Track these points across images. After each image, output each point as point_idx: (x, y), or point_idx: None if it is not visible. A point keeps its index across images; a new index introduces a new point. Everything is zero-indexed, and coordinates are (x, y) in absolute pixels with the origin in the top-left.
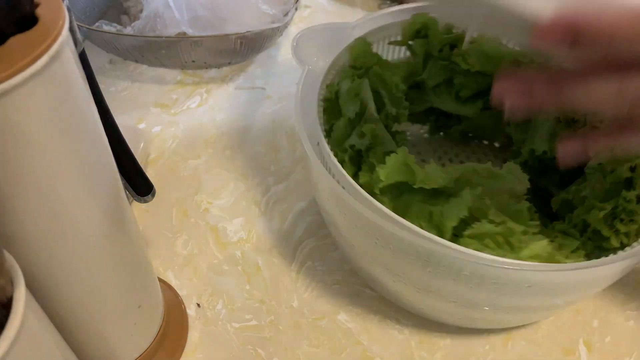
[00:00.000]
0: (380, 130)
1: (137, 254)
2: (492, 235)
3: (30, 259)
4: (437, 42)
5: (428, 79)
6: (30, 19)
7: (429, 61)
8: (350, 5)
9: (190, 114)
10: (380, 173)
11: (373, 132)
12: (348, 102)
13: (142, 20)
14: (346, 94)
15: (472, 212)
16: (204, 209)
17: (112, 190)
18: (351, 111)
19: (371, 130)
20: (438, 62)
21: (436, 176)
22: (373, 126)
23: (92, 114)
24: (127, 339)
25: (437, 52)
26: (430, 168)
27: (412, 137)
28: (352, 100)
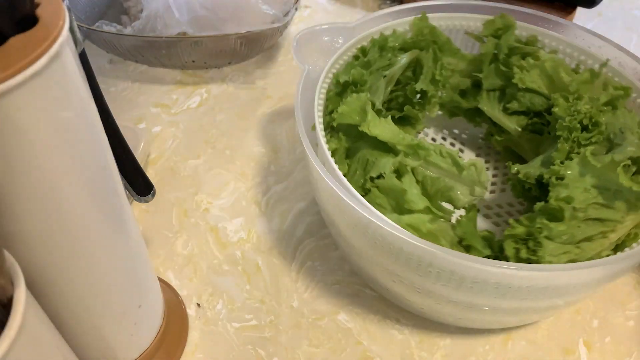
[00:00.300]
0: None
1: (137, 254)
2: (389, 192)
3: (30, 259)
4: (507, 46)
5: (484, 79)
6: (30, 19)
7: (492, 63)
8: (350, 5)
9: (190, 114)
10: (339, 109)
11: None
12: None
13: (142, 20)
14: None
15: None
16: (204, 209)
17: (112, 190)
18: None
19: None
20: (499, 67)
21: (384, 129)
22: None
23: (92, 114)
24: (127, 339)
25: (502, 56)
26: (384, 122)
27: (467, 137)
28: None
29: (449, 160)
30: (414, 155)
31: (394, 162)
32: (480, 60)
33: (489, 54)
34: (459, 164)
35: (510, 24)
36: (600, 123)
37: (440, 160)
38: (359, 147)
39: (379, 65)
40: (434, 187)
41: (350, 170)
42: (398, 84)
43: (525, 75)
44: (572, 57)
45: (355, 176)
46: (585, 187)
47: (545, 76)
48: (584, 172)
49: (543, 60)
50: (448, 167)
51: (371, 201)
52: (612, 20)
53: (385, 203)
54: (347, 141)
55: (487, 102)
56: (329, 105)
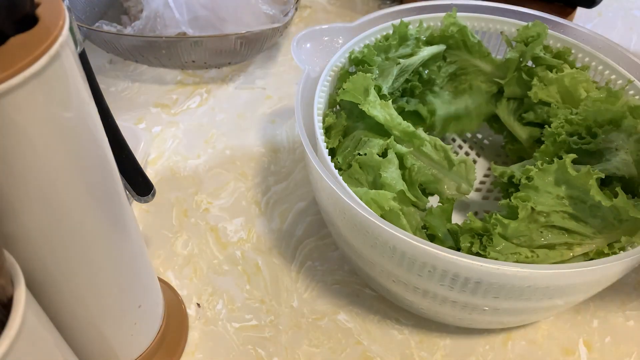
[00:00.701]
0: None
1: (137, 254)
2: (367, 168)
3: (30, 259)
4: (532, 55)
5: (506, 87)
6: (30, 19)
7: (516, 71)
8: (351, 5)
9: (190, 114)
10: (344, 85)
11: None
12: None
13: (142, 21)
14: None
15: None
16: (204, 209)
17: (112, 190)
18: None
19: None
20: (521, 76)
21: (382, 111)
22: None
23: (92, 114)
24: (127, 339)
25: (525, 65)
26: (384, 105)
27: (489, 143)
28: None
29: (441, 153)
30: (408, 142)
31: (383, 144)
32: (507, 67)
33: (514, 61)
34: (450, 158)
35: (542, 33)
36: (597, 135)
37: (433, 152)
38: (356, 126)
39: (399, 54)
40: (419, 175)
41: (342, 146)
42: (417, 74)
43: (540, 90)
44: (603, 75)
45: (345, 152)
46: (557, 194)
47: (563, 91)
48: (559, 179)
49: (562, 75)
50: (439, 160)
51: (350, 176)
52: (612, 20)
53: (363, 179)
54: (348, 119)
55: (504, 110)
56: (339, 82)
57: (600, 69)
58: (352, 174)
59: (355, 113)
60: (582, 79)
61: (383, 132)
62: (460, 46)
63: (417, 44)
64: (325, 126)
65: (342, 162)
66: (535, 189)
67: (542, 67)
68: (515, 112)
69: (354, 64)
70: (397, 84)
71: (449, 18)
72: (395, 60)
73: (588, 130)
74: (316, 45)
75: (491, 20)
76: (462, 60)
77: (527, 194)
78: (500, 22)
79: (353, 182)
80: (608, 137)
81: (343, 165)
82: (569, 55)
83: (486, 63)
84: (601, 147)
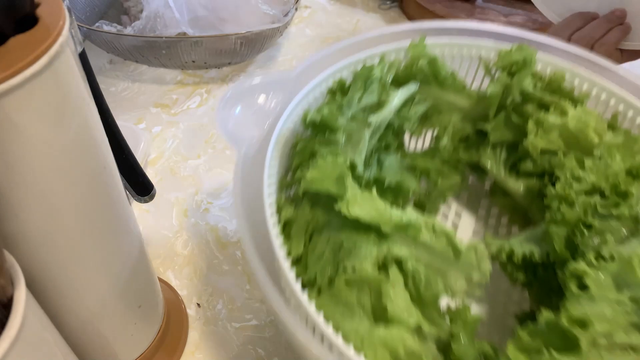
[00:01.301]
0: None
1: (137, 254)
2: (364, 287)
3: (30, 259)
4: (521, 91)
5: (492, 131)
6: (30, 19)
7: (501, 110)
8: (351, 5)
9: (190, 114)
10: (308, 174)
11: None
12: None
13: (142, 21)
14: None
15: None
16: (204, 209)
17: (112, 191)
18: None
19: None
20: (510, 117)
21: (367, 207)
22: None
23: (92, 114)
24: (127, 339)
25: (514, 103)
26: (367, 197)
27: (471, 190)
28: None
29: (443, 239)
30: (401, 236)
31: (378, 253)
32: (489, 104)
33: (497, 97)
34: (455, 245)
35: (529, 60)
36: (629, 194)
37: (433, 241)
38: (329, 222)
39: (364, 105)
40: (429, 290)
41: (314, 252)
42: (389, 128)
43: (539, 138)
44: (608, 105)
45: (321, 261)
46: (618, 300)
47: (568, 137)
48: (622, 280)
49: (566, 120)
50: (442, 250)
51: (335, 299)
52: None
53: (355, 303)
54: (313, 209)
55: (491, 159)
56: (295, 158)
57: (604, 98)
58: (338, 296)
59: (324, 200)
60: (591, 121)
61: (368, 227)
62: (430, 81)
63: (383, 87)
64: (282, 222)
65: (318, 278)
66: (592, 298)
67: (533, 104)
68: (505, 162)
69: (310, 128)
70: (369, 150)
71: (415, 48)
72: (364, 121)
73: (614, 188)
74: (248, 108)
75: (465, 45)
76: (433, 97)
77: (583, 311)
78: (477, 46)
79: (339, 309)
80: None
81: (321, 282)
82: (563, 81)
83: (462, 98)
84: (634, 212)
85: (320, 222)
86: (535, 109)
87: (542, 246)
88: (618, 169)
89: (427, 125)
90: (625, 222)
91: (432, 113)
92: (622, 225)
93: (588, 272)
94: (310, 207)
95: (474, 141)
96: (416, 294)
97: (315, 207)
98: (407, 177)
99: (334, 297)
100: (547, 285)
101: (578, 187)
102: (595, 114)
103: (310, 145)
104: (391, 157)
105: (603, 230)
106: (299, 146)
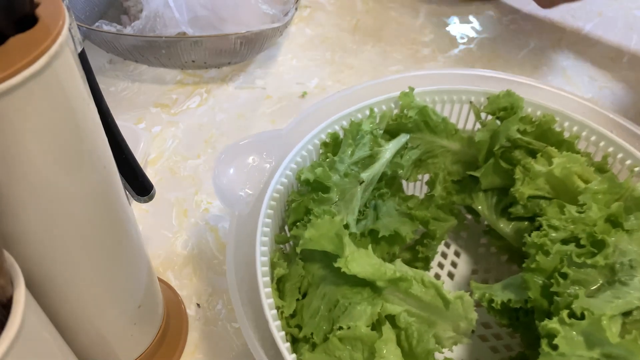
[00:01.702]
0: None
1: (137, 254)
2: (357, 345)
3: (30, 259)
4: (507, 137)
5: (482, 178)
6: (30, 19)
7: (491, 156)
8: (351, 4)
9: (190, 114)
10: (306, 233)
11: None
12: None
13: (142, 20)
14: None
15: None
16: (204, 209)
17: (112, 190)
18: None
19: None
20: (499, 163)
21: (364, 263)
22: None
23: (92, 114)
24: (127, 339)
25: (502, 149)
26: (364, 255)
27: (469, 229)
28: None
29: (432, 291)
30: (394, 289)
31: (372, 312)
32: (478, 149)
33: (485, 143)
34: (444, 296)
35: (516, 106)
36: (606, 244)
37: (423, 292)
38: (324, 277)
39: (356, 159)
40: (421, 345)
41: (310, 307)
42: (382, 177)
43: (525, 187)
44: (598, 146)
45: (315, 318)
46: (589, 357)
47: (554, 183)
48: (593, 338)
49: (552, 168)
50: (431, 301)
51: (329, 353)
52: (612, 20)
53: (347, 358)
54: (306, 266)
55: (483, 204)
56: (291, 216)
57: (594, 140)
58: (332, 351)
59: (318, 256)
60: (576, 167)
61: (362, 283)
62: (422, 128)
63: (374, 140)
64: (275, 278)
65: (314, 335)
66: (562, 356)
67: (521, 150)
68: (496, 206)
69: (304, 185)
70: (363, 202)
71: (405, 98)
72: (356, 177)
73: (590, 237)
74: (241, 168)
75: (455, 91)
76: (426, 142)
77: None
78: (466, 91)
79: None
80: (619, 248)
81: (316, 338)
82: (553, 123)
83: (454, 142)
84: (610, 261)
85: (315, 277)
86: (523, 155)
87: (522, 293)
88: (596, 217)
89: (421, 170)
90: (601, 272)
91: (427, 158)
92: (597, 275)
93: (559, 330)
94: (304, 264)
95: (466, 184)
96: (409, 350)
97: (309, 263)
98: (402, 224)
99: (328, 353)
100: (535, 330)
101: (555, 235)
102: (582, 160)
103: (305, 203)
104: (388, 204)
105: (579, 280)
106: (294, 204)
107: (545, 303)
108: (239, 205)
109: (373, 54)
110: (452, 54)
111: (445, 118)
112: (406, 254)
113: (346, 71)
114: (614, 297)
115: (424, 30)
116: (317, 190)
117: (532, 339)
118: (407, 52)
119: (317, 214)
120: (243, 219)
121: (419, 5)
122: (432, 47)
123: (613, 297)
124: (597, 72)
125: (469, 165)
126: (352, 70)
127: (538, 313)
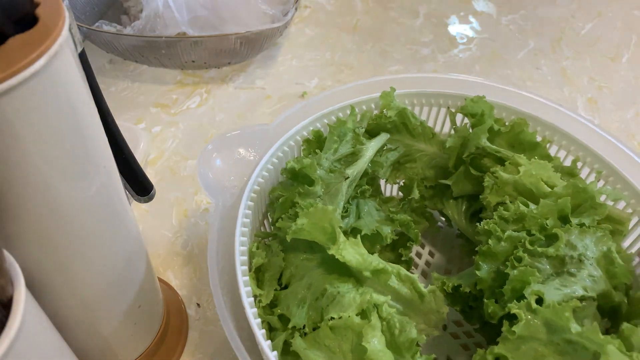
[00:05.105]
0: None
1: (137, 254)
2: (345, 334)
3: (30, 259)
4: (477, 144)
5: (453, 186)
6: (30, 19)
7: (461, 164)
8: (350, 4)
9: (190, 114)
10: (298, 221)
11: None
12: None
13: (142, 20)
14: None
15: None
16: (204, 209)
17: (112, 190)
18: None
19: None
20: (469, 170)
21: (354, 253)
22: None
23: (92, 114)
24: (127, 339)
25: (471, 157)
26: (354, 244)
27: (443, 231)
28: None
29: (408, 284)
30: (374, 281)
31: (362, 300)
32: (449, 155)
33: (454, 150)
34: (419, 290)
35: (486, 113)
36: (559, 237)
37: (400, 285)
38: (306, 266)
39: (340, 155)
40: (404, 334)
41: (294, 299)
42: (364, 175)
43: (493, 196)
44: (569, 150)
45: (303, 308)
46: (542, 341)
47: (522, 190)
48: (549, 321)
49: (520, 175)
50: (407, 294)
51: (318, 341)
52: (612, 20)
53: (336, 348)
54: (287, 255)
55: (453, 210)
56: (276, 210)
57: (565, 144)
58: (322, 339)
59: (302, 247)
60: (543, 174)
61: (347, 272)
62: (400, 129)
63: (356, 137)
64: (253, 267)
65: (306, 323)
66: (523, 339)
67: (490, 159)
68: (466, 212)
69: (289, 176)
70: (347, 199)
71: (386, 98)
72: (341, 173)
73: (542, 230)
74: (227, 160)
75: (433, 95)
76: (404, 145)
77: (506, 349)
78: (444, 95)
79: (324, 352)
80: (570, 241)
81: (307, 327)
82: (526, 126)
83: (431, 145)
84: (561, 254)
85: (299, 268)
86: (492, 163)
87: (473, 279)
88: (546, 211)
89: (400, 174)
90: (551, 262)
91: (405, 161)
92: (548, 264)
93: (521, 316)
94: (285, 255)
95: (439, 189)
96: (391, 339)
97: (292, 254)
98: (382, 225)
99: (318, 341)
100: (496, 327)
101: (506, 225)
102: (549, 166)
103: (291, 197)
104: (369, 204)
105: (532, 266)
106: (281, 199)
107: (493, 282)
108: (223, 196)
109: (373, 54)
110: (452, 54)
111: (423, 122)
112: (389, 254)
113: (346, 71)
114: (562, 286)
115: (424, 31)
116: (302, 183)
117: (495, 335)
118: (406, 52)
119: (303, 207)
120: (227, 210)
121: (419, 6)
122: (431, 47)
123: (561, 286)
124: (597, 72)
125: (444, 170)
126: (352, 70)
127: (487, 293)
